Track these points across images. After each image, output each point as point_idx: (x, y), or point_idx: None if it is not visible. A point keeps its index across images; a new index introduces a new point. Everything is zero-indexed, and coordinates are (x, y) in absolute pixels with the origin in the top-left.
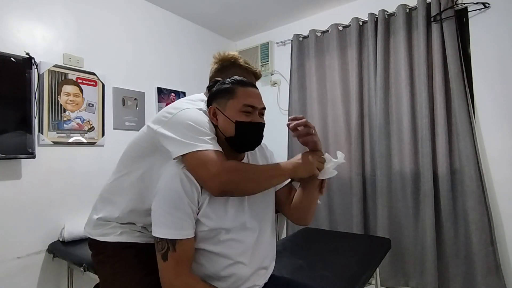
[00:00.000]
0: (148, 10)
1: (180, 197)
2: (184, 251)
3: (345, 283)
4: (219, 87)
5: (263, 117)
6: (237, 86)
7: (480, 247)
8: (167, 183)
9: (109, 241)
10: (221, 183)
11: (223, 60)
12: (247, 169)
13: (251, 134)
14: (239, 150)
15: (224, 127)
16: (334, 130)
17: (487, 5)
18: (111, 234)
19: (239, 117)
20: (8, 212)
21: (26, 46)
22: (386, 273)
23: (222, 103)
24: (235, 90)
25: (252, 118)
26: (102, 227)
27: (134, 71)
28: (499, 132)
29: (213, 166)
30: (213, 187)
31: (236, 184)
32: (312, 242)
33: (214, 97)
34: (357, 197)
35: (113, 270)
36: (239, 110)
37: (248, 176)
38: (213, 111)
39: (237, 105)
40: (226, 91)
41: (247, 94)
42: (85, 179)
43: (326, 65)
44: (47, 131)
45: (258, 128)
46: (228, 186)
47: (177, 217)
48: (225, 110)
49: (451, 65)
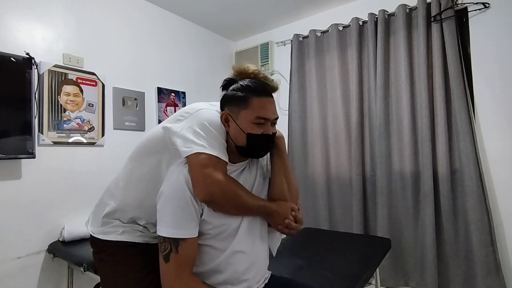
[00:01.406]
0: (148, 10)
1: (185, 197)
2: (186, 253)
3: (345, 283)
4: (233, 94)
5: (275, 126)
6: (251, 96)
7: (480, 247)
8: (172, 184)
9: (110, 239)
10: (207, 194)
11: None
12: (235, 194)
13: (261, 146)
14: (246, 157)
15: (235, 136)
16: (334, 130)
17: (487, 5)
18: (112, 233)
19: (251, 129)
20: (8, 212)
21: (26, 46)
22: (386, 273)
23: (235, 111)
24: (249, 100)
25: (264, 130)
26: (105, 225)
27: (134, 71)
28: (499, 132)
29: (209, 175)
30: (199, 193)
31: (219, 202)
32: (312, 242)
33: (227, 103)
34: (357, 197)
35: (114, 268)
36: (252, 122)
37: (231, 199)
38: (225, 117)
39: (250, 116)
40: (240, 100)
41: (261, 105)
42: (85, 179)
43: (326, 65)
44: (47, 131)
45: (269, 140)
46: (210, 199)
47: (181, 216)
48: (238, 119)
49: (451, 65)
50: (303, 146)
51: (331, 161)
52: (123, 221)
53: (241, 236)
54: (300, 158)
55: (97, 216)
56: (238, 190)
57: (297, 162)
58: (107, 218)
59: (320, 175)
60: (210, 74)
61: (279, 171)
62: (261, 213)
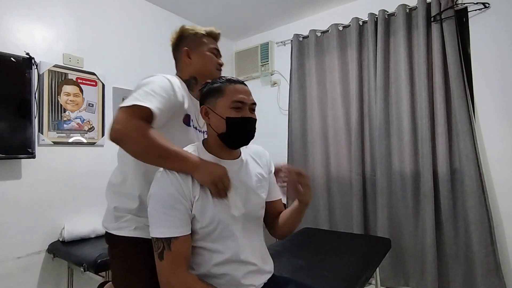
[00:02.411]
0: (148, 10)
1: (173, 195)
2: (179, 250)
3: (345, 283)
4: (209, 87)
5: (254, 112)
6: (225, 84)
7: (480, 247)
8: (159, 184)
9: (123, 235)
10: (113, 131)
11: (176, 38)
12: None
13: (242, 129)
14: (231, 146)
15: (216, 124)
16: (334, 130)
17: (487, 5)
18: (125, 228)
19: (229, 113)
20: (8, 212)
21: (26, 46)
22: (386, 273)
23: (212, 102)
24: (224, 88)
25: (243, 114)
26: (118, 220)
27: (134, 71)
28: (499, 132)
29: (121, 117)
30: (109, 134)
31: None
32: (312, 242)
33: (205, 98)
34: (357, 197)
35: (125, 266)
36: (229, 107)
37: (141, 140)
38: (205, 111)
39: (226, 102)
40: (215, 90)
41: (236, 90)
42: (85, 179)
43: (326, 65)
44: (47, 131)
45: (249, 123)
46: (115, 137)
47: (171, 215)
48: (216, 108)
49: (451, 65)
50: (303, 146)
51: (331, 161)
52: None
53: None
54: (300, 158)
55: (109, 211)
56: (150, 133)
57: (297, 162)
58: (118, 212)
59: (320, 175)
60: None
61: (300, 212)
62: (179, 162)
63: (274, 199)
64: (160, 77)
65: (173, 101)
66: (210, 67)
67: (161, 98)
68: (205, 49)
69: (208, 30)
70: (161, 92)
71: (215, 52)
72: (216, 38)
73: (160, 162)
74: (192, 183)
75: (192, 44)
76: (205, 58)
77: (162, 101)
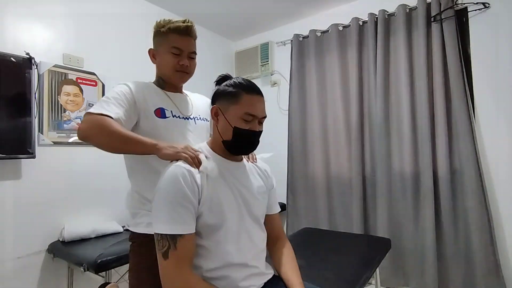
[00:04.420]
0: (148, 10)
1: (181, 191)
2: (185, 249)
3: (345, 283)
4: (225, 89)
5: (262, 125)
6: (242, 92)
7: (480, 247)
8: (167, 178)
9: (139, 232)
10: (80, 130)
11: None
12: (104, 125)
13: (246, 141)
14: (232, 153)
15: (223, 129)
16: (334, 130)
17: (487, 5)
18: (140, 225)
19: (239, 123)
20: (8, 212)
21: (26, 46)
22: (386, 273)
23: (225, 105)
24: (240, 96)
25: (251, 126)
26: (135, 217)
27: (134, 71)
28: (499, 132)
29: (87, 117)
30: (77, 131)
31: (92, 134)
32: (312, 242)
33: (218, 97)
34: (357, 197)
35: (139, 260)
36: (240, 117)
37: (104, 129)
38: (215, 111)
39: (239, 111)
40: (231, 95)
41: (251, 102)
42: (85, 179)
43: (326, 65)
44: (47, 131)
45: (255, 136)
46: (83, 135)
47: (177, 212)
48: (226, 113)
49: (451, 65)
50: (303, 146)
51: (331, 161)
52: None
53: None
54: (300, 158)
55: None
56: (109, 123)
57: (297, 162)
58: (133, 209)
59: (320, 175)
60: (210, 74)
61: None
62: (139, 144)
63: (271, 212)
64: (121, 84)
65: (130, 99)
66: (167, 71)
67: (115, 100)
68: (166, 49)
69: (173, 26)
70: (116, 95)
71: (175, 52)
72: (183, 33)
73: (123, 147)
74: (201, 180)
75: (157, 43)
76: (163, 60)
77: (118, 103)
